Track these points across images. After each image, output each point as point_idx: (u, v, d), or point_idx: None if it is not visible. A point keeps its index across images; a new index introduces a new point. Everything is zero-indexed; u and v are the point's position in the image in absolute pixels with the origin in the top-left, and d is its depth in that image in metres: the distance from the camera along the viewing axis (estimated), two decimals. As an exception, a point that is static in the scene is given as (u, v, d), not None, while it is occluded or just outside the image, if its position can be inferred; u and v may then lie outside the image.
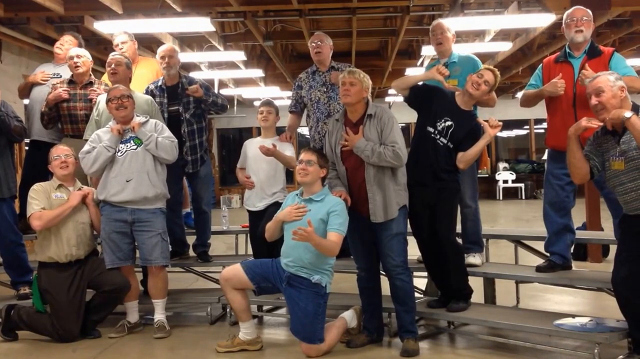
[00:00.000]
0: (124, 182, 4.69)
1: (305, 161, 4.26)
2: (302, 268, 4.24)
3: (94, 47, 9.97)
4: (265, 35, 10.80)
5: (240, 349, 4.40)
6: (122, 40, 5.68)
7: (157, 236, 4.76)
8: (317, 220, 4.15)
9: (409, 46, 13.75)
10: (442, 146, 4.37)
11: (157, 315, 4.87)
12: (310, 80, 5.35)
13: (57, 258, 4.72)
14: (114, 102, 4.77)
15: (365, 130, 4.22)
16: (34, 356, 4.51)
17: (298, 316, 4.25)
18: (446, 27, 5.05)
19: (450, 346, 4.53)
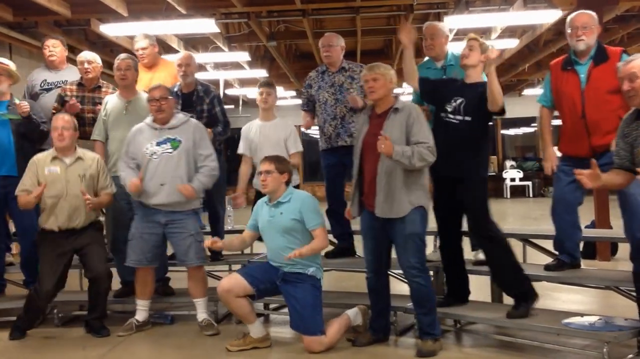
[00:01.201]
0: (158, 185, 4.71)
1: (264, 172, 4.37)
2: (294, 265, 4.31)
3: (100, 49, 10.00)
4: (269, 36, 10.82)
5: (252, 347, 4.42)
6: (142, 46, 5.66)
7: (190, 237, 4.77)
8: (290, 220, 4.30)
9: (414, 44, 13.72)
10: (459, 123, 4.29)
11: (200, 314, 4.88)
12: (320, 80, 5.31)
13: (51, 228, 4.76)
14: (153, 104, 4.78)
15: (387, 123, 4.15)
16: (43, 353, 4.54)
17: (297, 311, 4.29)
18: (437, 30, 5.01)
19: (457, 345, 4.51)
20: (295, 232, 4.32)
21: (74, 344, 4.69)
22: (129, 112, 5.16)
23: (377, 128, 4.18)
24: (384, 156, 4.08)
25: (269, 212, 4.43)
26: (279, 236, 4.36)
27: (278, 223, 4.35)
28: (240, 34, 11.09)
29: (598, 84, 4.28)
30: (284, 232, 4.35)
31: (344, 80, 5.19)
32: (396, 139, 4.07)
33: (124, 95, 5.24)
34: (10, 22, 8.55)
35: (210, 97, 5.41)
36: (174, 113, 4.87)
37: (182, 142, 4.76)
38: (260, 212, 4.52)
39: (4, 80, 5.15)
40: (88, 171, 4.83)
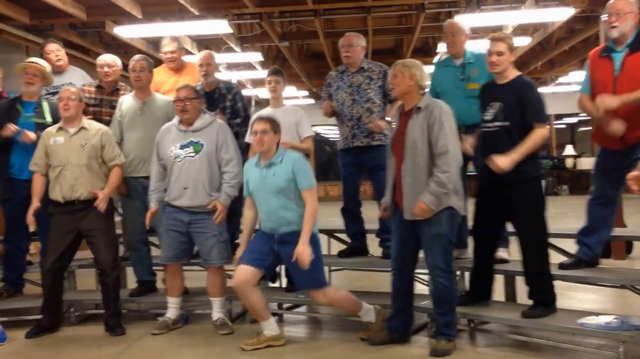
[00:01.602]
0: (182, 189, 4.76)
1: (261, 131, 4.37)
2: (287, 225, 4.34)
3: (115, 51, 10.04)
4: (281, 36, 10.86)
5: (266, 345, 4.45)
6: (171, 49, 5.69)
7: (213, 238, 4.81)
8: (284, 180, 4.32)
9: (425, 43, 13.71)
10: (499, 129, 4.19)
11: (215, 313, 4.92)
12: (339, 81, 5.30)
13: (56, 198, 4.81)
14: (178, 104, 4.81)
15: (411, 122, 4.13)
16: (60, 351, 4.59)
17: (299, 269, 4.29)
18: (458, 28, 4.98)
19: (471, 345, 4.49)
20: (289, 192, 4.33)
21: (89, 343, 4.74)
22: (144, 113, 5.20)
23: (403, 127, 4.19)
24: (406, 157, 4.09)
25: (260, 174, 4.42)
26: (272, 196, 4.35)
27: (271, 184, 4.35)
28: (253, 35, 11.13)
29: (632, 73, 4.17)
30: (277, 192, 4.34)
31: (362, 80, 5.19)
32: (417, 139, 4.07)
33: (139, 96, 5.28)
34: (27, 25, 8.65)
35: (232, 93, 5.45)
36: (200, 114, 4.90)
37: (204, 146, 4.79)
38: (249, 175, 4.52)
39: (38, 81, 5.19)
40: (90, 141, 4.84)
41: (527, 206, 4.22)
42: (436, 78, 5.11)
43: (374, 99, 5.13)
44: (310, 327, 5.25)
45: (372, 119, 5.07)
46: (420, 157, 4.07)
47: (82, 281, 5.76)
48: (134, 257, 5.36)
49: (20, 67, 5.29)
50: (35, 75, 5.20)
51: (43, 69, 5.28)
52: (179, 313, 5.03)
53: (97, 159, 4.87)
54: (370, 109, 5.12)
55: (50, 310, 4.96)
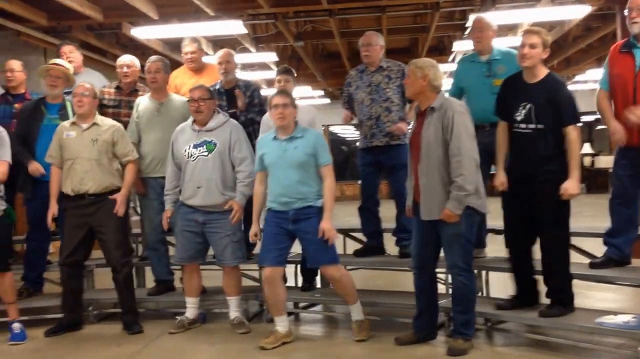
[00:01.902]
0: (195, 188, 4.79)
1: (282, 104, 4.42)
2: (303, 199, 4.39)
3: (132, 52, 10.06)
4: (296, 36, 10.87)
5: (282, 342, 4.49)
6: (191, 50, 5.74)
7: (226, 238, 4.82)
8: (305, 154, 4.39)
9: (440, 42, 13.66)
10: (532, 132, 4.13)
11: (232, 312, 4.95)
12: (358, 80, 5.31)
13: (67, 191, 4.87)
14: (192, 104, 4.84)
15: (426, 123, 4.13)
16: (79, 350, 4.64)
17: (316, 244, 4.37)
18: (485, 24, 4.93)
19: (488, 344, 4.49)
20: (308, 167, 4.40)
21: (109, 341, 4.79)
22: (161, 114, 5.25)
23: (420, 127, 4.19)
24: (422, 157, 4.10)
25: (279, 147, 4.45)
26: (292, 170, 4.39)
27: (292, 157, 4.39)
28: (268, 35, 11.15)
29: None
30: (297, 166, 4.38)
31: (381, 79, 5.19)
32: (431, 140, 4.06)
33: (156, 97, 5.32)
34: (45, 27, 8.73)
35: (250, 90, 5.49)
36: (215, 114, 4.93)
37: (217, 146, 4.81)
38: (266, 149, 4.53)
39: (61, 83, 5.24)
40: (102, 136, 4.88)
41: (554, 206, 4.17)
42: (460, 74, 5.09)
43: (393, 98, 5.13)
44: (326, 326, 5.27)
45: (392, 122, 5.07)
46: (434, 157, 4.07)
47: (100, 280, 5.81)
48: (152, 257, 5.41)
49: (43, 69, 5.36)
50: (59, 77, 5.26)
51: (66, 71, 5.34)
52: (197, 312, 5.06)
53: (108, 154, 4.91)
54: (389, 108, 5.12)
55: (69, 307, 5.02)
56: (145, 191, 5.30)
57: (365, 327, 4.59)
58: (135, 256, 5.96)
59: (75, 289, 5.02)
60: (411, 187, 4.31)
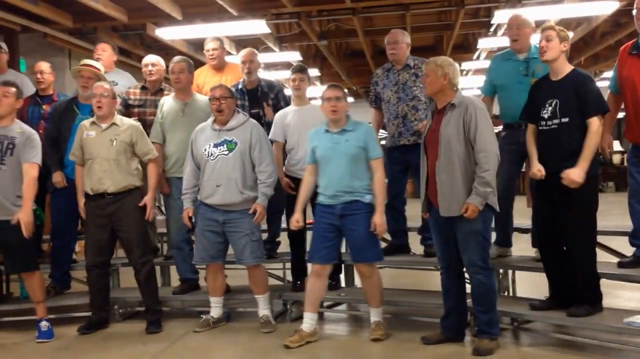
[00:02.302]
0: (215, 186, 4.80)
1: (335, 97, 4.45)
2: (352, 193, 4.40)
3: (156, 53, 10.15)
4: (319, 35, 10.87)
5: (306, 341, 4.49)
6: (213, 47, 5.78)
7: (245, 237, 4.83)
8: (357, 147, 4.42)
9: (465, 40, 13.57)
10: (558, 127, 4.09)
11: (260, 310, 4.97)
12: (384, 79, 5.29)
13: (87, 190, 4.92)
14: (213, 103, 4.86)
15: (445, 120, 4.11)
16: (105, 348, 4.68)
17: (363, 240, 4.41)
18: (523, 21, 4.81)
19: (515, 344, 4.44)
20: (359, 160, 4.43)
21: (134, 339, 4.83)
22: (186, 114, 5.27)
23: (437, 124, 4.16)
24: (440, 155, 4.07)
25: (331, 139, 4.48)
26: (344, 163, 4.42)
27: (344, 150, 4.42)
28: (291, 34, 11.17)
29: None
30: (349, 159, 4.41)
31: (407, 78, 5.15)
32: (451, 136, 4.04)
33: (180, 97, 5.35)
34: (70, 29, 8.85)
35: (274, 92, 5.50)
36: (235, 114, 4.94)
37: (237, 145, 4.82)
38: (317, 142, 4.56)
39: (92, 84, 5.23)
40: (120, 136, 4.91)
41: (581, 204, 4.11)
42: (493, 71, 4.99)
43: (420, 96, 5.09)
44: (351, 325, 5.25)
45: (419, 121, 5.05)
46: (455, 154, 4.04)
47: (125, 278, 5.86)
48: (177, 256, 5.44)
49: (76, 70, 5.42)
50: (90, 79, 5.30)
51: (98, 72, 5.39)
52: (221, 311, 5.08)
53: (126, 154, 4.94)
54: (415, 106, 5.09)
55: (97, 306, 5.07)
56: (170, 190, 5.33)
57: (382, 326, 4.57)
58: (161, 255, 6.01)
59: (102, 288, 5.07)
60: (423, 185, 4.30)
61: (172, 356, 4.47)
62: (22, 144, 4.75)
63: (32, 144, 4.80)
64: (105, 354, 4.55)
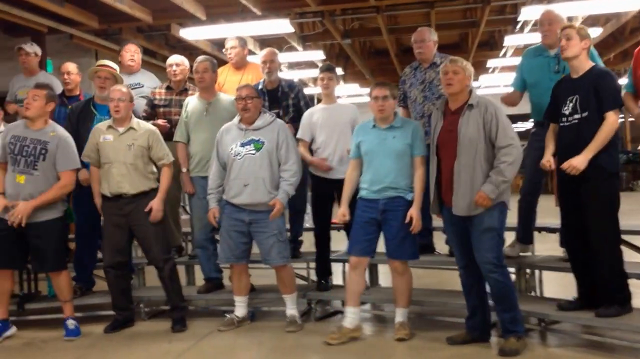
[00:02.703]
0: (242, 186, 4.80)
1: (382, 97, 4.46)
2: (396, 189, 4.42)
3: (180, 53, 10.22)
4: (343, 34, 10.86)
5: (349, 338, 4.51)
6: (232, 45, 5.79)
7: (272, 237, 4.82)
8: (404, 144, 4.45)
9: (491, 37, 13.46)
10: (578, 122, 4.07)
11: (288, 310, 4.98)
12: (412, 77, 5.25)
13: (104, 193, 4.94)
14: (239, 102, 4.88)
15: (462, 120, 4.09)
16: (131, 346, 4.71)
17: (401, 237, 4.42)
18: (554, 16, 4.77)
19: (542, 345, 4.38)
20: (404, 157, 4.45)
21: (160, 338, 4.85)
22: (210, 114, 5.28)
23: (453, 125, 4.14)
24: (460, 154, 4.06)
25: (378, 135, 4.50)
26: (389, 159, 4.44)
27: (391, 146, 4.45)
28: (315, 33, 11.17)
29: None
30: (395, 155, 4.44)
31: (434, 76, 5.09)
32: (472, 136, 4.03)
33: (204, 97, 5.37)
34: (96, 30, 8.95)
35: (295, 91, 5.50)
36: (261, 113, 4.95)
37: (264, 144, 4.82)
38: (364, 137, 4.57)
39: (109, 84, 5.30)
40: (137, 141, 4.92)
41: (602, 203, 4.05)
42: (524, 67, 4.94)
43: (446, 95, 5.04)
44: (375, 325, 5.22)
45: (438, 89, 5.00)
46: (478, 154, 4.04)
47: (151, 277, 5.90)
48: (201, 255, 5.45)
49: (92, 71, 5.46)
50: (107, 79, 5.34)
51: (114, 72, 5.43)
52: (246, 310, 5.09)
53: (143, 158, 4.96)
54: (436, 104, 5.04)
55: (119, 306, 5.11)
56: (194, 190, 5.35)
57: (407, 326, 4.55)
58: (185, 254, 6.04)
59: (123, 289, 5.11)
60: (433, 185, 4.27)
61: (197, 355, 4.49)
62: (54, 149, 4.79)
63: (66, 149, 4.83)
64: (130, 352, 4.58)
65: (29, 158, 4.74)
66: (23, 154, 4.74)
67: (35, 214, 4.72)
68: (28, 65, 6.28)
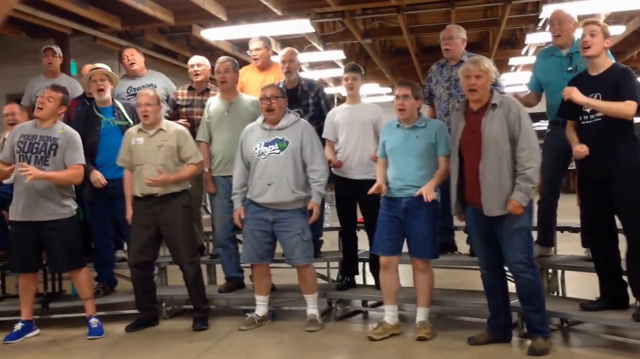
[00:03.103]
0: (266, 185, 4.81)
1: (402, 96, 4.45)
2: (417, 188, 4.40)
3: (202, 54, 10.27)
4: (363, 33, 10.84)
5: (390, 334, 4.55)
6: (256, 47, 5.79)
7: (296, 236, 4.83)
8: (427, 143, 4.46)
9: (512, 35, 13.34)
10: (600, 121, 4.04)
11: (308, 309, 4.99)
12: (438, 75, 5.25)
13: (135, 194, 4.99)
14: (264, 102, 4.89)
15: (486, 120, 4.07)
16: (153, 344, 4.75)
17: (424, 236, 4.44)
18: (565, 16, 4.75)
19: (565, 345, 4.35)
20: (428, 156, 4.47)
21: (182, 337, 4.89)
22: (231, 114, 5.31)
23: (475, 125, 4.11)
24: (485, 155, 4.03)
25: (402, 134, 4.51)
26: (412, 157, 4.45)
27: (414, 146, 4.46)
28: (335, 33, 11.17)
29: None
30: (418, 155, 4.45)
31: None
32: (497, 136, 4.00)
33: (225, 97, 5.39)
34: (119, 31, 9.04)
35: (314, 90, 5.50)
36: (286, 113, 4.96)
37: (289, 144, 4.83)
38: (388, 136, 4.59)
39: (108, 85, 5.33)
40: (167, 142, 4.97)
41: (631, 198, 4.01)
42: (538, 68, 4.92)
43: None
44: (396, 325, 5.21)
45: None
46: (502, 154, 4.01)
47: (173, 276, 5.95)
48: (222, 255, 5.48)
49: (87, 77, 5.44)
50: (104, 80, 5.34)
51: (107, 72, 5.43)
52: (266, 310, 5.10)
53: (173, 159, 5.00)
54: (456, 105, 5.01)
55: (142, 305, 5.15)
56: (215, 189, 5.38)
57: (428, 326, 4.54)
58: (207, 254, 6.08)
59: (146, 289, 5.14)
60: (455, 186, 4.25)
61: (218, 354, 4.51)
62: (64, 145, 4.86)
63: (75, 145, 4.91)
64: (152, 351, 4.62)
65: (39, 154, 4.80)
66: (33, 151, 4.80)
67: (49, 213, 4.79)
68: (53, 67, 6.37)
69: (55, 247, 4.88)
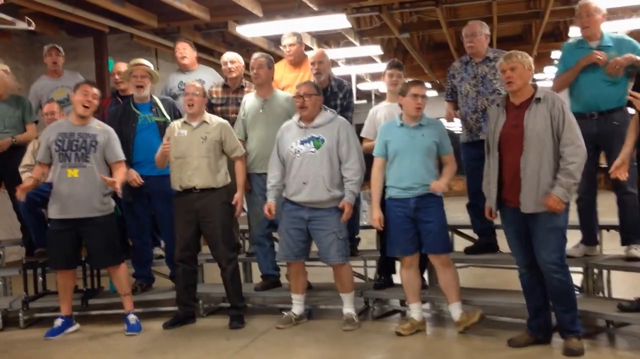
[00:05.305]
0: (301, 184, 4.79)
1: (422, 95, 4.53)
2: (425, 186, 4.47)
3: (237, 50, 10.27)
4: (401, 28, 10.70)
5: (416, 330, 4.63)
6: (289, 42, 5.73)
7: (332, 235, 4.79)
8: (432, 142, 4.54)
9: (555, 28, 13.02)
10: None
11: (345, 308, 4.96)
12: (462, 72, 5.16)
13: (175, 188, 5.00)
14: (297, 100, 4.86)
15: (529, 114, 3.97)
16: (190, 341, 4.76)
17: (435, 233, 4.51)
18: (593, 8, 4.65)
19: (610, 347, 4.23)
20: (432, 154, 4.55)
21: (218, 334, 4.89)
22: (265, 111, 5.28)
23: (518, 119, 4.00)
24: (527, 149, 3.94)
25: (407, 133, 4.54)
26: (419, 156, 4.50)
27: (420, 144, 4.51)
28: (372, 28, 11.04)
29: None
30: (424, 153, 4.50)
31: (487, 71, 4.99)
32: (540, 131, 3.90)
33: (260, 94, 5.36)
34: (155, 29, 9.09)
35: (343, 92, 5.43)
36: (322, 111, 4.91)
37: (324, 142, 4.78)
38: (391, 136, 4.58)
39: (147, 82, 5.35)
40: (210, 135, 4.97)
41: None
42: (566, 60, 4.79)
43: (500, 90, 4.90)
44: (435, 324, 5.11)
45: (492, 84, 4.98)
46: (546, 149, 3.92)
47: (210, 274, 5.95)
48: (258, 252, 5.46)
49: (127, 71, 5.45)
50: (144, 77, 5.35)
51: (149, 69, 5.42)
52: (303, 308, 5.07)
53: (216, 151, 5.00)
54: (495, 101, 4.90)
55: (183, 302, 5.16)
56: (251, 186, 5.35)
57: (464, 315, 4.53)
58: (243, 252, 6.06)
59: (188, 285, 5.15)
60: (494, 183, 4.12)
61: (254, 352, 4.50)
62: (104, 141, 4.90)
63: (115, 141, 4.97)
64: (190, 347, 4.63)
65: (79, 151, 4.83)
66: (73, 149, 4.84)
67: (89, 210, 4.83)
68: (57, 66, 6.43)
69: (95, 243, 4.93)
